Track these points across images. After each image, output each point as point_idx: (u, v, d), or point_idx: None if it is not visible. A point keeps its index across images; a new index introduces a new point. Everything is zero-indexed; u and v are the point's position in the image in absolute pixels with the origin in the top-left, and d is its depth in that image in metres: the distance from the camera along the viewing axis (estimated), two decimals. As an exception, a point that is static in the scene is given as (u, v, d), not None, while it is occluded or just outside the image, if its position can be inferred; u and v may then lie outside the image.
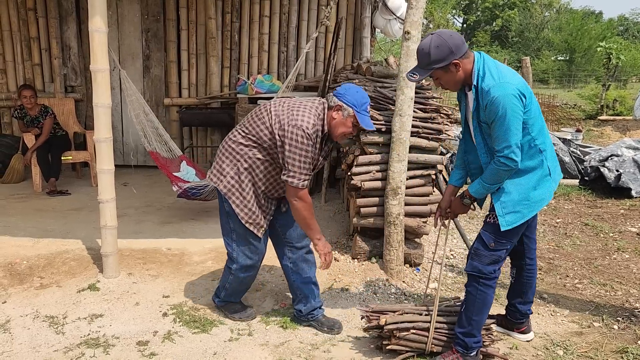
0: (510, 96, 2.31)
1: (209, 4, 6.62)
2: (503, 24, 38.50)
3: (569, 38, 27.75)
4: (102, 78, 3.39)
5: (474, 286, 2.58)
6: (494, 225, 2.53)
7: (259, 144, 2.79)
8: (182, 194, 4.67)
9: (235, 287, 3.12)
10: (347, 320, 3.15)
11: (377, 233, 3.91)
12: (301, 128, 2.65)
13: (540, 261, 4.12)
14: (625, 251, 4.35)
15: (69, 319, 3.10)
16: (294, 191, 2.75)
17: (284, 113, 2.73)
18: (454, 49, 2.37)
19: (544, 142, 2.50)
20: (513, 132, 2.33)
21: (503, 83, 2.34)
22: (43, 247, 4.11)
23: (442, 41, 2.36)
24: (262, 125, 2.77)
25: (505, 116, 2.31)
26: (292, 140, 2.66)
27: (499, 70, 2.41)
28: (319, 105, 2.79)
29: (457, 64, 2.39)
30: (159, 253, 4.11)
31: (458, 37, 2.42)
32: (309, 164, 2.73)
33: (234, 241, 2.98)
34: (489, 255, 2.55)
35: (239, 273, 3.04)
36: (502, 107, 2.31)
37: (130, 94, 5.20)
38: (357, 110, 2.75)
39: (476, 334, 2.60)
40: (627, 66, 21.53)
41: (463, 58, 2.40)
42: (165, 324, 3.08)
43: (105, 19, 3.33)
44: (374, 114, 3.74)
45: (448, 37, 2.39)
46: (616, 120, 11.37)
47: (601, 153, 6.57)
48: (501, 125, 2.33)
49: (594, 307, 3.39)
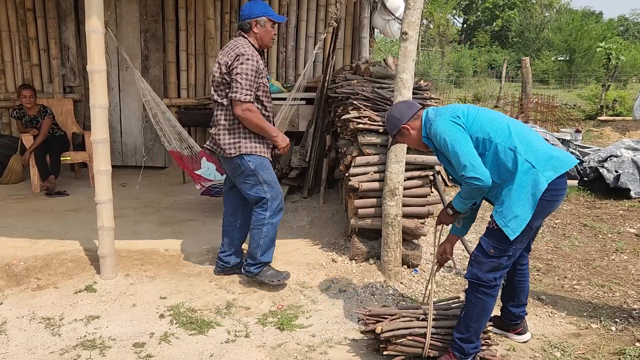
0: (443, 125, 2.52)
1: (208, 5, 6.61)
2: (503, 24, 38.49)
3: (569, 38, 27.73)
4: (99, 79, 3.38)
5: (473, 294, 2.56)
6: (494, 232, 2.50)
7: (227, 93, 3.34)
8: (205, 192, 4.80)
9: (270, 238, 3.52)
10: (344, 321, 3.14)
11: (375, 234, 3.91)
12: (245, 54, 3.26)
13: (539, 262, 4.12)
14: (623, 252, 4.34)
15: (66, 321, 3.09)
16: (239, 104, 3.27)
17: (226, 55, 3.33)
18: (399, 116, 2.69)
19: (511, 140, 2.47)
20: (461, 153, 2.44)
21: (437, 118, 2.58)
22: (40, 248, 4.11)
23: (389, 113, 2.76)
24: (220, 78, 3.34)
25: (447, 143, 2.48)
26: (244, 61, 3.24)
27: (436, 111, 2.65)
28: (241, 39, 3.39)
29: (406, 128, 2.68)
30: (157, 254, 4.11)
31: (403, 105, 2.78)
32: (253, 81, 3.28)
33: (267, 190, 3.44)
34: (488, 263, 2.52)
35: (274, 217, 3.48)
36: (441, 136, 2.51)
37: (145, 94, 5.16)
38: (267, 14, 3.40)
39: (474, 340, 2.59)
40: (627, 66, 21.50)
41: (410, 121, 2.68)
42: (162, 325, 3.08)
43: (102, 19, 3.32)
44: (372, 115, 3.73)
45: (394, 108, 2.80)
46: (616, 120, 11.36)
47: (600, 154, 6.56)
48: (450, 152, 2.49)
49: (592, 308, 3.38)
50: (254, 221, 3.52)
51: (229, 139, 3.39)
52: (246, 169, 3.40)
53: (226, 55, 3.33)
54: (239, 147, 3.38)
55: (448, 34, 35.41)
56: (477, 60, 30.08)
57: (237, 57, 3.27)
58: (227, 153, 3.40)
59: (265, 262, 3.56)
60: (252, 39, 3.41)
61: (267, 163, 3.46)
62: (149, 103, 5.11)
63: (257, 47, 3.41)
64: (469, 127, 2.51)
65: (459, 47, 33.60)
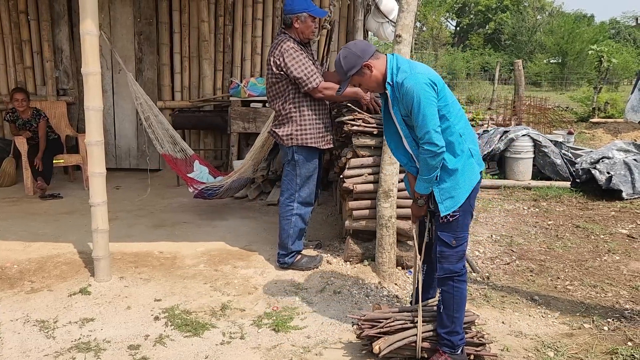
0: (421, 84, 2.46)
1: (202, 7, 6.62)
2: (496, 27, 38.69)
3: (561, 41, 27.91)
4: (94, 81, 3.38)
5: (449, 285, 2.62)
6: (450, 224, 2.57)
7: (283, 89, 3.67)
8: (198, 195, 4.77)
9: (299, 227, 3.81)
10: (339, 323, 3.15)
11: (370, 236, 3.92)
12: (286, 48, 3.56)
13: (532, 263, 4.15)
14: (615, 253, 4.38)
15: (60, 323, 3.08)
16: (315, 91, 3.60)
17: (271, 54, 3.64)
18: (360, 53, 2.56)
19: (463, 128, 2.58)
20: (429, 117, 2.45)
21: (414, 74, 2.50)
22: (34, 251, 4.10)
23: (348, 51, 2.59)
24: (272, 78, 3.67)
25: (420, 103, 2.44)
26: (288, 56, 3.54)
27: (410, 64, 2.58)
28: (282, 35, 3.67)
29: (368, 66, 2.57)
30: (151, 256, 4.10)
31: (362, 42, 2.66)
32: (310, 65, 3.58)
33: (297, 184, 3.76)
34: (455, 254, 2.60)
35: (302, 208, 3.80)
36: (416, 95, 2.45)
37: (137, 97, 5.16)
38: (308, 10, 3.61)
39: (459, 330, 2.62)
40: (619, 69, 21.68)
41: (372, 59, 2.57)
42: (156, 327, 3.08)
43: (96, 21, 3.32)
44: (366, 117, 3.75)
45: (352, 45, 2.63)
46: (608, 122, 11.45)
47: (592, 155, 6.61)
48: (418, 113, 2.46)
49: (585, 308, 3.41)
50: (283, 212, 3.83)
51: (282, 131, 3.73)
52: (291, 159, 3.76)
53: (272, 54, 3.65)
54: (291, 139, 3.71)
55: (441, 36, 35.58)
56: (470, 63, 30.21)
57: (282, 54, 3.58)
58: (285, 143, 3.74)
59: (297, 250, 3.86)
60: (294, 34, 3.67)
61: (312, 156, 3.76)
62: (141, 106, 5.11)
63: (299, 40, 3.68)
64: (438, 98, 2.51)
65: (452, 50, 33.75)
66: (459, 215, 2.57)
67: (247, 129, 6.30)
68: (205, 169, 5.29)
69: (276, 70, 3.64)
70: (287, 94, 3.70)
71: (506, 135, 6.84)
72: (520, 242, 4.64)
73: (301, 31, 3.67)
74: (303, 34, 3.68)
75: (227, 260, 4.08)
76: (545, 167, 6.73)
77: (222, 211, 5.35)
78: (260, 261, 4.07)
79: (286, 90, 3.69)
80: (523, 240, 4.70)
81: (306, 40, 3.74)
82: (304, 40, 3.72)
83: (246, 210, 5.42)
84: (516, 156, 6.71)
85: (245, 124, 6.30)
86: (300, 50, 3.63)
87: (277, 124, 3.80)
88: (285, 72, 3.61)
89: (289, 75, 3.60)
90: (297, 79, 3.60)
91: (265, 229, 4.80)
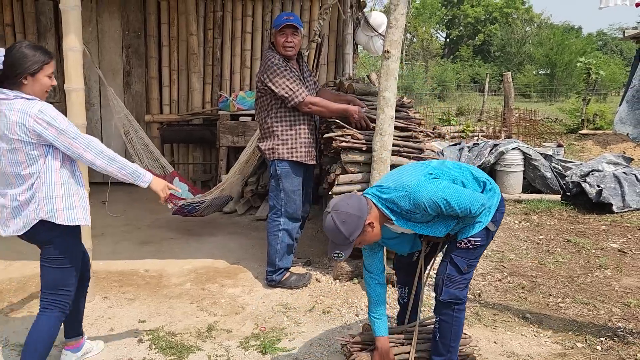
0: (428, 189, 2.31)
1: (191, 21, 6.58)
2: (485, 38, 39.07)
3: (550, 52, 28.21)
4: (77, 97, 3.32)
5: (449, 314, 2.54)
6: (467, 250, 2.50)
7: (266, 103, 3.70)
8: (177, 212, 4.66)
9: (287, 243, 3.77)
10: (328, 344, 3.08)
11: (360, 252, 3.84)
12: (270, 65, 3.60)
13: (523, 279, 4.10)
14: (607, 268, 4.35)
15: (40, 347, 2.98)
16: (302, 105, 3.60)
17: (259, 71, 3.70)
18: (359, 213, 2.27)
19: (467, 178, 2.53)
20: (465, 196, 2.34)
21: (417, 188, 2.32)
22: (15, 270, 4.00)
23: (344, 214, 2.26)
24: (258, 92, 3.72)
25: (447, 200, 2.29)
26: (271, 73, 3.57)
27: (393, 186, 2.38)
28: (268, 52, 3.72)
29: (371, 223, 2.32)
30: (137, 275, 4.01)
31: (352, 200, 2.33)
32: (294, 81, 3.58)
33: (282, 199, 3.74)
34: (463, 280, 2.53)
35: (289, 223, 3.77)
36: (439, 199, 2.29)
37: (118, 111, 5.09)
38: (274, 24, 3.68)
39: (454, 358, 2.56)
40: (607, 80, 21.91)
41: (369, 214, 2.32)
42: (140, 350, 2.99)
43: (80, 37, 3.27)
44: (355, 133, 3.71)
45: (344, 206, 2.29)
46: (597, 134, 11.50)
47: (582, 168, 6.61)
48: (451, 207, 2.30)
49: (577, 326, 3.36)
50: (270, 228, 3.81)
51: (264, 145, 3.75)
52: (274, 173, 3.75)
53: (259, 71, 3.72)
54: (272, 153, 3.71)
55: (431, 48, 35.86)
56: (460, 74, 30.45)
57: (266, 71, 3.62)
58: (267, 157, 3.75)
59: (285, 267, 3.80)
60: (277, 49, 3.71)
61: (296, 170, 3.74)
62: (121, 120, 5.05)
63: (283, 55, 3.68)
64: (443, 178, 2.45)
65: (442, 61, 34.01)
66: (480, 242, 2.49)
67: (236, 143, 6.24)
68: (185, 187, 5.22)
69: (260, 85, 3.69)
70: (269, 108, 3.72)
71: (496, 149, 6.83)
72: (511, 257, 4.60)
73: (278, 46, 3.68)
74: (278, 48, 3.68)
75: (214, 278, 4.00)
76: (536, 180, 6.71)
77: (211, 226, 5.28)
78: (248, 279, 3.99)
79: (269, 104, 3.71)
80: (514, 255, 4.66)
81: (284, 56, 3.68)
82: (285, 55, 3.68)
83: (235, 226, 5.34)
84: (506, 169, 6.70)
85: (234, 137, 6.24)
86: (284, 66, 3.63)
87: (260, 137, 3.84)
88: (269, 88, 3.63)
89: (273, 91, 3.62)
90: (280, 96, 3.61)
91: (253, 245, 4.72)
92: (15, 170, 2.38)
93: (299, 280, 3.81)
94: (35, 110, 2.32)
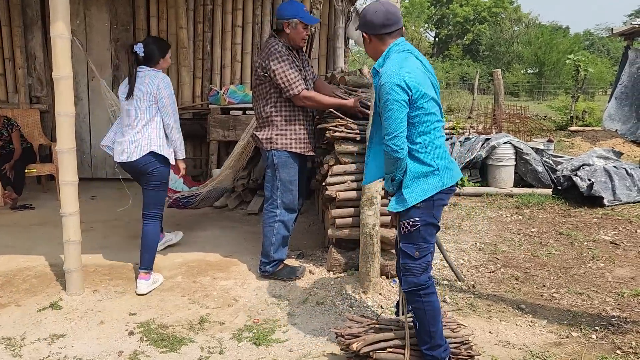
0: (392, 84, 2.37)
1: (180, 14, 6.51)
2: (474, 38, 39.26)
3: (538, 52, 28.40)
4: (65, 86, 3.25)
5: (417, 301, 2.52)
6: (409, 235, 2.49)
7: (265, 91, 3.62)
8: (172, 204, 4.63)
9: (282, 234, 3.72)
10: (322, 335, 3.04)
11: (353, 244, 3.83)
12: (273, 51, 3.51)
13: (517, 271, 4.09)
14: (599, 259, 4.35)
15: (28, 340, 2.92)
16: (296, 99, 3.55)
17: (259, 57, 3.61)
18: (371, 23, 2.50)
19: (430, 140, 2.47)
20: (393, 120, 2.37)
21: (395, 71, 2.39)
22: (2, 264, 3.91)
23: (388, 8, 2.49)
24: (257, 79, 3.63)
25: (387, 102, 2.38)
26: (274, 59, 3.49)
27: (401, 60, 2.45)
28: (272, 39, 3.61)
29: (369, 38, 2.55)
30: (127, 268, 3.95)
31: (383, 17, 2.49)
32: (294, 72, 3.51)
33: (279, 189, 3.67)
34: (418, 266, 2.51)
35: (285, 214, 3.71)
36: (386, 93, 2.38)
37: (112, 104, 5.01)
38: (299, 16, 3.55)
39: (441, 342, 2.53)
40: (594, 79, 22.08)
41: (374, 36, 2.52)
42: (131, 343, 2.93)
43: (68, 24, 3.20)
44: (348, 123, 3.67)
45: (377, 10, 2.50)
46: (586, 130, 11.56)
47: (573, 162, 6.64)
48: (384, 112, 2.40)
49: (572, 316, 3.35)
50: (265, 219, 3.75)
51: (261, 134, 3.68)
52: (270, 163, 3.69)
53: (259, 57, 3.61)
54: (270, 143, 3.64)
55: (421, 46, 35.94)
56: (449, 73, 30.55)
57: (268, 57, 3.52)
58: (264, 147, 3.67)
59: (279, 259, 3.75)
60: (284, 39, 3.62)
61: (293, 161, 3.68)
62: (115, 114, 4.96)
63: (289, 46, 3.62)
64: (411, 105, 2.41)
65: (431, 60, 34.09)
66: (419, 225, 2.46)
67: (226, 137, 6.18)
68: (179, 180, 5.16)
69: (261, 71, 3.59)
70: (269, 96, 3.63)
71: (488, 143, 6.83)
72: (504, 249, 4.59)
73: (292, 37, 3.61)
74: (293, 40, 3.62)
75: (206, 271, 3.94)
76: (527, 174, 6.73)
77: (202, 221, 5.21)
78: (241, 272, 3.94)
79: (269, 93, 3.62)
80: (507, 247, 4.65)
81: (296, 47, 3.66)
82: (293, 46, 3.65)
83: (226, 220, 5.28)
84: (498, 164, 6.70)
85: (224, 131, 6.18)
86: (288, 55, 3.56)
87: (258, 127, 3.75)
88: (269, 75, 3.55)
89: (272, 78, 3.54)
90: (279, 84, 3.53)
91: (245, 238, 4.67)
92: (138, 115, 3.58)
93: (292, 273, 3.76)
94: (161, 77, 3.60)
